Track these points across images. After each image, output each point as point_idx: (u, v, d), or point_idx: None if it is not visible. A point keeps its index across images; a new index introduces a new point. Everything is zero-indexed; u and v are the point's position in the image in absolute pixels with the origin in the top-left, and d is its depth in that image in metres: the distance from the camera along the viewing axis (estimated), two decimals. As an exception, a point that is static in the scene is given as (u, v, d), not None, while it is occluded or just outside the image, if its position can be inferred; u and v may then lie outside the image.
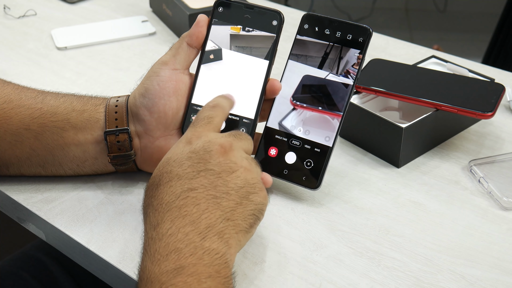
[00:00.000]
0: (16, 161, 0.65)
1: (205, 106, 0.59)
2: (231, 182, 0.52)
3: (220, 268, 0.48)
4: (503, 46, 1.71)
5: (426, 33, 2.79)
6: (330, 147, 0.65)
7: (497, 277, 0.57)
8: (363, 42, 0.65)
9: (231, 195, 0.52)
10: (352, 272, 0.58)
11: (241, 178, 0.53)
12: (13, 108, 0.64)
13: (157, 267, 0.47)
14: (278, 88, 0.65)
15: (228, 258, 0.50)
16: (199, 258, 0.48)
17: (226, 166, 0.53)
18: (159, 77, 0.63)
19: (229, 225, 0.51)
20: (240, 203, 0.52)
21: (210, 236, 0.49)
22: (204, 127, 0.56)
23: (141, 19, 1.08)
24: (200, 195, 0.51)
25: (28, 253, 0.83)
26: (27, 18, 1.10)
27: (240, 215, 0.52)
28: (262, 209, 0.54)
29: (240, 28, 0.65)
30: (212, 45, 0.66)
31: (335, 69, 0.66)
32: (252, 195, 0.53)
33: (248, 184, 0.53)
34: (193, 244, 0.48)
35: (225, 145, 0.54)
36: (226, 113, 0.60)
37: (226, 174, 0.53)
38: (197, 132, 0.56)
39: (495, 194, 0.66)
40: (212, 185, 0.52)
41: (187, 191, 0.51)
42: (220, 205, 0.51)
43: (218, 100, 0.60)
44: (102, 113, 0.64)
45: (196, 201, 0.50)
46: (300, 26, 0.67)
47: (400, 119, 0.78)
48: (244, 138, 0.58)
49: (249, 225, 0.53)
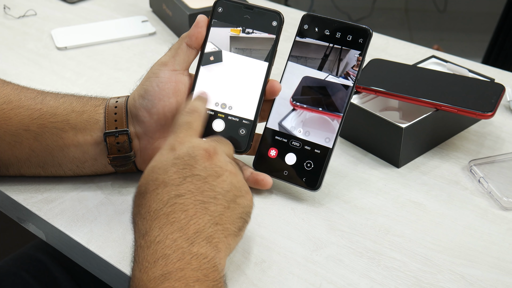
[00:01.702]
0: (16, 161, 0.65)
1: (182, 112, 0.58)
2: (217, 186, 0.52)
3: (209, 272, 0.48)
4: (503, 46, 1.70)
5: (426, 33, 2.79)
6: (330, 148, 0.65)
7: (497, 277, 0.57)
8: (363, 43, 0.65)
9: (218, 200, 0.52)
10: (352, 272, 0.58)
11: (227, 182, 0.53)
12: (12, 109, 0.64)
13: (145, 275, 0.47)
14: (278, 89, 0.65)
15: (217, 262, 0.50)
16: (187, 263, 0.48)
17: (212, 170, 0.53)
18: (158, 78, 0.63)
19: (218, 230, 0.51)
20: (228, 207, 0.52)
21: (199, 241, 0.49)
22: (186, 133, 0.56)
23: (141, 19, 1.08)
24: (187, 201, 0.51)
25: (28, 253, 0.83)
26: (27, 18, 1.10)
27: (229, 219, 0.52)
28: (249, 211, 0.55)
29: (240, 30, 0.65)
30: (212, 47, 0.66)
31: (335, 70, 0.66)
32: (239, 198, 0.53)
33: (234, 187, 0.53)
34: (181, 249, 0.48)
35: (209, 150, 0.54)
36: (203, 115, 0.59)
37: (212, 179, 0.52)
38: (179, 138, 0.55)
39: (495, 194, 0.66)
40: (199, 190, 0.51)
41: (175, 198, 0.51)
42: (208, 210, 0.51)
43: (193, 104, 0.59)
44: (101, 114, 0.64)
45: (184, 207, 0.50)
46: (300, 26, 0.67)
47: (400, 119, 0.78)
48: (225, 142, 0.58)
49: (237, 228, 0.53)
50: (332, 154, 0.65)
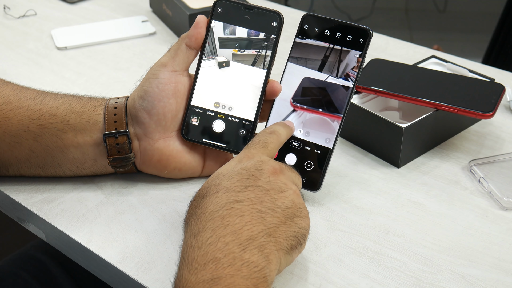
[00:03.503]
0: (16, 162, 0.65)
1: (262, 131, 0.60)
2: (278, 200, 0.52)
3: (258, 282, 0.47)
4: (503, 46, 1.70)
5: (426, 33, 2.79)
6: (330, 149, 0.65)
7: (497, 277, 0.57)
8: (363, 43, 0.65)
9: (276, 212, 0.51)
10: (352, 272, 0.58)
11: (289, 199, 0.53)
12: (12, 109, 0.63)
13: (194, 276, 0.47)
14: (278, 89, 0.65)
15: (267, 273, 0.49)
16: (237, 269, 0.47)
17: (275, 185, 0.53)
18: (158, 79, 0.63)
19: (270, 241, 0.50)
20: (284, 222, 0.51)
21: (251, 249, 0.48)
22: (258, 150, 0.57)
23: (141, 19, 1.08)
24: (245, 207, 0.50)
25: (28, 253, 0.83)
26: (27, 18, 1.10)
27: (283, 233, 0.51)
28: (305, 234, 0.54)
29: (238, 50, 0.66)
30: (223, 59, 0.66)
31: (335, 71, 0.66)
32: (297, 218, 0.53)
33: (295, 206, 0.53)
34: (232, 254, 0.47)
35: (276, 167, 0.54)
36: (282, 141, 0.61)
37: (274, 192, 0.52)
38: (250, 153, 0.56)
39: (495, 194, 0.66)
40: (259, 200, 0.51)
41: (233, 203, 0.51)
42: (264, 220, 0.50)
43: (276, 127, 0.61)
44: (101, 115, 0.64)
45: (240, 213, 0.50)
46: (300, 26, 0.67)
47: (400, 119, 0.78)
48: (295, 172, 0.59)
49: (290, 246, 0.52)
50: (332, 155, 0.65)
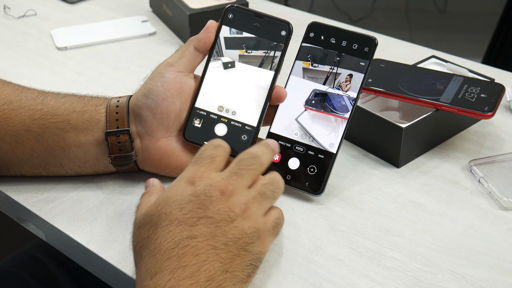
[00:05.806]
0: (17, 162, 0.65)
1: (207, 145, 0.58)
2: (229, 232, 0.52)
3: None
4: (503, 46, 1.70)
5: (426, 33, 2.79)
6: (334, 154, 0.65)
7: (497, 277, 0.58)
8: (368, 51, 0.66)
9: (229, 246, 0.51)
10: (352, 272, 0.58)
11: (238, 228, 0.52)
12: (13, 109, 0.64)
13: None
14: (284, 95, 0.65)
15: None
16: None
17: (225, 214, 0.52)
18: (163, 78, 0.63)
19: (227, 277, 0.50)
20: (238, 255, 0.51)
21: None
22: (207, 167, 0.55)
23: (141, 19, 1.08)
24: (199, 244, 0.50)
25: (28, 253, 0.83)
26: (27, 18, 1.10)
27: (238, 266, 0.51)
28: (260, 257, 0.54)
29: (245, 51, 0.66)
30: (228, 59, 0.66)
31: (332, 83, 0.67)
32: (250, 246, 0.52)
33: (245, 235, 0.52)
34: None
35: (226, 189, 0.53)
36: (228, 153, 0.58)
37: (225, 224, 0.52)
38: (199, 172, 0.54)
39: (495, 194, 0.66)
40: (211, 234, 0.51)
41: (187, 239, 0.50)
42: (219, 257, 0.50)
43: (219, 141, 0.59)
44: (102, 114, 0.64)
45: (196, 251, 0.50)
46: (306, 34, 0.68)
47: (400, 119, 0.78)
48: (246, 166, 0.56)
49: (246, 275, 0.52)
50: (336, 160, 0.65)
